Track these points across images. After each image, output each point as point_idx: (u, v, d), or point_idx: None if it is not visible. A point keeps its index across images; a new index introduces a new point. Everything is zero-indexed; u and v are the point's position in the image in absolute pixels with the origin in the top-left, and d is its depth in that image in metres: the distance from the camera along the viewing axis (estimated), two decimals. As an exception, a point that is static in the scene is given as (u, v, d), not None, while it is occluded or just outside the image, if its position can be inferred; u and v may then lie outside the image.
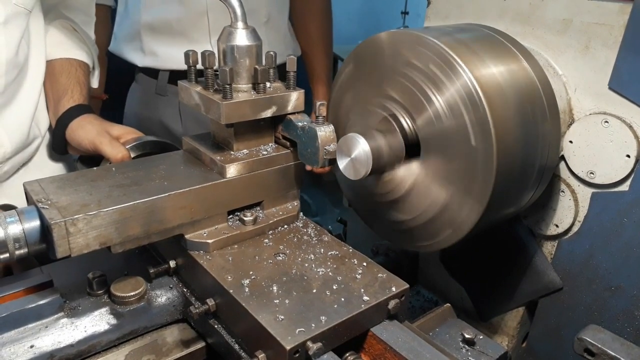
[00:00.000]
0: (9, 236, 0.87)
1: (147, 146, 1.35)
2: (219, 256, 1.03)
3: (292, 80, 1.08)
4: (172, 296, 1.08)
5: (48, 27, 1.51)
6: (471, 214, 0.99)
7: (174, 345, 1.06)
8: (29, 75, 1.42)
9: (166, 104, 2.13)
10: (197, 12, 1.95)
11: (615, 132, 1.07)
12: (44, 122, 1.52)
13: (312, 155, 1.05)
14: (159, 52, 2.05)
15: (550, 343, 1.31)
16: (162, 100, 2.13)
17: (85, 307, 1.01)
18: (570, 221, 1.19)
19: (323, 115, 1.04)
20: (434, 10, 1.38)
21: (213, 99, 1.01)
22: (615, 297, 1.15)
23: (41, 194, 0.94)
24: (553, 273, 1.25)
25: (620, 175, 1.08)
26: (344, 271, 0.99)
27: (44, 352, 0.93)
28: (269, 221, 1.11)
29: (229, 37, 1.03)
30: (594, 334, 1.00)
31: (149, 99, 2.14)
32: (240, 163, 1.06)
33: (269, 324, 0.85)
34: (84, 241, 0.90)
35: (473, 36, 1.08)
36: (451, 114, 0.97)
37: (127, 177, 1.03)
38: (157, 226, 0.98)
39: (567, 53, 1.14)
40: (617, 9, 1.04)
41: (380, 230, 1.23)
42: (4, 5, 1.26)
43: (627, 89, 1.06)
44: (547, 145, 1.06)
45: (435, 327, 1.08)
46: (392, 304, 0.93)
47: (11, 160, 1.41)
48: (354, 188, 1.25)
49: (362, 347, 0.95)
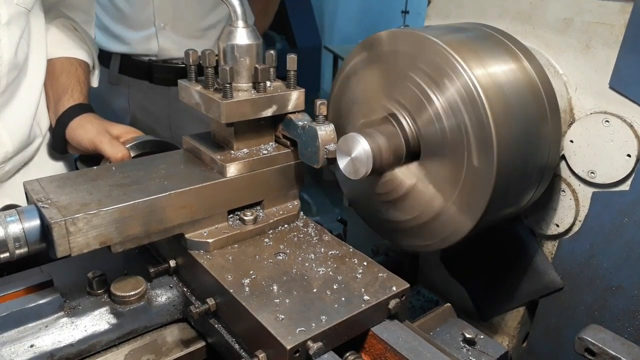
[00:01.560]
0: (9, 235, 0.87)
1: (147, 145, 1.35)
2: (219, 255, 1.02)
3: (292, 80, 1.08)
4: (172, 296, 1.08)
5: (48, 26, 1.51)
6: (471, 214, 0.99)
7: (173, 344, 1.06)
8: (29, 74, 1.42)
9: (117, 94, 2.18)
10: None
11: (616, 132, 1.07)
12: (45, 121, 1.52)
13: (313, 155, 1.05)
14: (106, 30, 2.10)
15: (551, 343, 1.31)
16: (114, 90, 2.18)
17: (85, 307, 1.01)
18: (571, 221, 1.18)
19: (323, 114, 1.04)
20: (434, 10, 1.38)
21: (213, 98, 1.01)
22: (616, 297, 1.15)
23: (41, 193, 0.94)
24: (553, 273, 1.25)
25: (621, 175, 1.08)
26: (345, 271, 0.99)
27: (44, 351, 0.93)
28: (269, 220, 1.11)
29: (229, 36, 1.03)
30: (594, 334, 1.00)
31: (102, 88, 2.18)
32: (240, 162, 1.06)
33: (269, 323, 0.85)
34: (84, 240, 0.90)
35: (473, 35, 1.08)
36: (451, 113, 0.97)
37: (127, 176, 1.03)
38: (157, 225, 0.98)
39: (568, 52, 1.14)
40: (617, 9, 1.04)
41: (380, 230, 1.23)
42: (7, 6, 1.26)
43: (627, 88, 1.05)
44: (547, 145, 1.06)
45: (436, 327, 1.08)
46: (393, 303, 0.93)
47: (12, 159, 1.41)
48: (354, 188, 1.25)
49: (362, 346, 0.95)
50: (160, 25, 2.05)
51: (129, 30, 2.09)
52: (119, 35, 2.10)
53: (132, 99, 2.19)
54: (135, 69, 2.14)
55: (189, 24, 2.09)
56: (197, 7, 2.07)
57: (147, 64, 2.12)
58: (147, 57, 2.12)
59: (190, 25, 2.09)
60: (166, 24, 2.06)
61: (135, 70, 2.14)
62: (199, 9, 2.08)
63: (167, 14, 2.05)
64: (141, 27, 2.07)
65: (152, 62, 2.11)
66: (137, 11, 2.04)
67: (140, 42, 2.08)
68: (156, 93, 2.16)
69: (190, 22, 2.09)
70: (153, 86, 2.15)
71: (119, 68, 2.14)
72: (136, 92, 2.19)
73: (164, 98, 2.16)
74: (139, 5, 2.03)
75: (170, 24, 2.06)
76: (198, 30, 2.11)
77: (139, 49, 2.10)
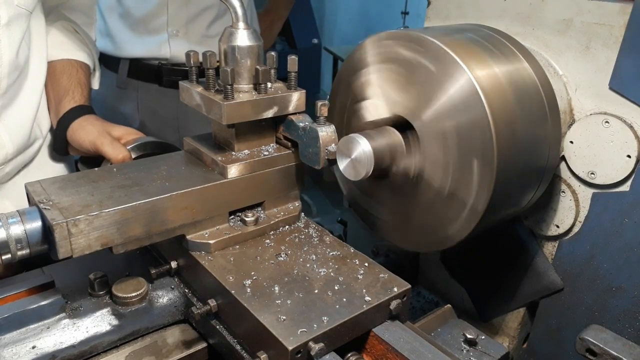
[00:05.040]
0: (10, 237, 0.87)
1: (148, 147, 1.35)
2: (220, 257, 1.03)
3: (293, 81, 1.08)
4: (174, 297, 1.08)
5: (49, 28, 1.51)
6: (471, 215, 0.99)
7: (174, 346, 1.06)
8: (30, 76, 1.42)
9: (126, 98, 2.19)
10: (158, 2, 2.04)
11: (616, 133, 1.07)
12: (46, 123, 1.52)
13: (314, 156, 1.05)
14: (116, 36, 2.11)
15: (551, 344, 1.31)
16: (122, 94, 2.19)
17: (86, 308, 1.01)
18: (571, 222, 1.19)
19: (324, 115, 1.04)
20: (434, 11, 1.38)
21: (214, 100, 1.01)
22: (616, 298, 1.15)
23: (43, 195, 0.94)
24: (554, 274, 1.25)
25: (621, 176, 1.08)
26: (346, 271, 0.99)
27: (45, 352, 0.93)
28: (270, 222, 1.11)
29: (230, 37, 1.03)
30: (596, 334, 1.01)
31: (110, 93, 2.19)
32: (241, 163, 1.06)
33: (271, 324, 0.85)
34: (86, 242, 0.90)
35: (473, 36, 1.08)
36: (452, 114, 0.97)
37: (128, 177, 1.03)
38: (159, 227, 0.98)
39: (568, 53, 1.14)
40: (617, 9, 1.04)
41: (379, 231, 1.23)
42: (7, 7, 1.26)
43: (627, 89, 1.06)
44: (547, 146, 1.06)
45: (437, 328, 1.09)
46: (394, 304, 0.93)
47: (13, 161, 1.41)
48: (354, 189, 1.25)
49: (364, 347, 0.95)
50: (172, 32, 2.08)
51: (141, 36, 2.10)
52: (129, 41, 2.11)
53: (141, 102, 2.20)
54: (145, 72, 2.15)
55: (200, 30, 2.12)
56: (209, 14, 2.11)
57: (156, 67, 2.13)
58: (157, 61, 2.13)
59: (201, 31, 2.12)
60: (179, 31, 2.09)
61: (145, 74, 2.15)
62: (211, 16, 2.12)
63: (180, 21, 2.07)
64: (153, 33, 2.09)
65: (162, 66, 2.13)
66: (150, 18, 2.07)
67: (152, 47, 2.10)
68: (165, 96, 2.17)
69: (201, 28, 2.12)
70: (162, 89, 2.16)
71: (127, 72, 2.15)
72: (145, 95, 2.19)
73: (172, 101, 2.17)
74: (153, 12, 2.06)
75: (183, 31, 2.09)
76: (208, 37, 2.14)
77: (150, 54, 2.12)
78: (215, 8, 2.11)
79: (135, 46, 2.11)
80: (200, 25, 2.12)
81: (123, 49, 2.12)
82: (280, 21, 2.64)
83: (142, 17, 2.07)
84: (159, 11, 2.06)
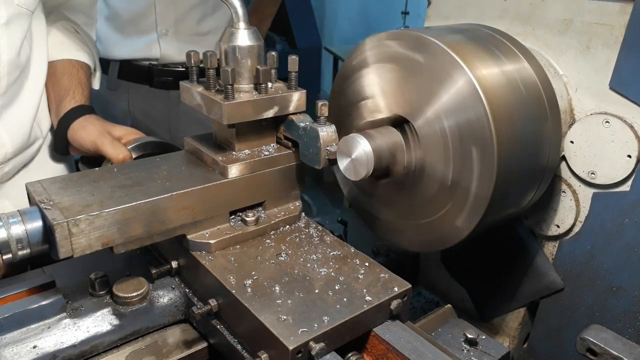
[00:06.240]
0: (11, 237, 0.87)
1: (149, 147, 1.35)
2: (221, 256, 1.03)
3: (293, 81, 1.08)
4: (174, 297, 1.08)
5: (50, 29, 1.51)
6: (471, 215, 0.99)
7: (174, 346, 1.06)
8: (30, 76, 1.43)
9: (117, 100, 2.19)
10: (146, 2, 2.03)
11: (616, 132, 1.07)
12: (46, 123, 1.52)
13: (314, 156, 1.05)
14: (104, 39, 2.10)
15: (552, 344, 1.31)
16: (113, 95, 2.18)
17: (87, 308, 1.01)
18: (572, 222, 1.19)
19: (325, 115, 1.04)
20: (434, 11, 1.38)
21: (215, 100, 1.01)
22: (617, 298, 1.15)
23: (43, 195, 0.94)
24: (554, 274, 1.25)
25: (622, 176, 1.08)
26: (346, 271, 0.99)
27: (46, 352, 0.93)
28: (270, 221, 1.11)
29: (230, 37, 1.03)
30: (596, 334, 1.00)
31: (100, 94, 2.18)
32: (242, 163, 1.06)
33: (271, 324, 0.85)
34: (87, 242, 0.90)
35: (474, 36, 1.08)
36: (452, 114, 0.97)
37: (129, 177, 1.03)
38: (159, 227, 0.98)
39: (568, 53, 1.14)
40: (617, 9, 1.04)
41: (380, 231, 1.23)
42: (6, 6, 1.26)
43: (628, 89, 1.06)
44: (547, 146, 1.06)
45: (437, 328, 1.09)
46: (395, 304, 0.93)
47: (12, 160, 1.41)
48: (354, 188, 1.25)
49: (364, 347, 0.95)
50: (162, 31, 2.07)
51: (130, 38, 2.10)
52: (118, 43, 2.10)
53: (132, 104, 2.20)
54: (135, 73, 2.15)
55: (190, 28, 2.11)
56: (198, 11, 2.09)
57: (147, 68, 2.13)
58: (148, 62, 2.13)
59: (191, 30, 2.11)
60: (168, 30, 2.08)
61: (135, 75, 2.15)
62: (200, 14, 2.10)
63: (169, 20, 2.06)
64: (143, 34, 2.08)
65: (152, 67, 2.12)
66: (138, 18, 2.06)
67: (141, 48, 2.09)
68: (156, 97, 2.17)
69: (191, 26, 2.11)
70: (153, 90, 2.16)
71: (117, 73, 2.15)
72: (135, 96, 2.19)
73: (163, 101, 2.17)
74: (141, 12, 2.05)
75: (172, 30, 2.08)
76: (198, 35, 2.13)
77: (140, 54, 2.11)
78: (203, 5, 2.09)
79: (124, 48, 2.10)
80: (190, 23, 2.10)
81: (111, 52, 2.11)
82: (269, 19, 2.60)
83: (130, 18, 2.06)
84: (146, 11, 2.04)
